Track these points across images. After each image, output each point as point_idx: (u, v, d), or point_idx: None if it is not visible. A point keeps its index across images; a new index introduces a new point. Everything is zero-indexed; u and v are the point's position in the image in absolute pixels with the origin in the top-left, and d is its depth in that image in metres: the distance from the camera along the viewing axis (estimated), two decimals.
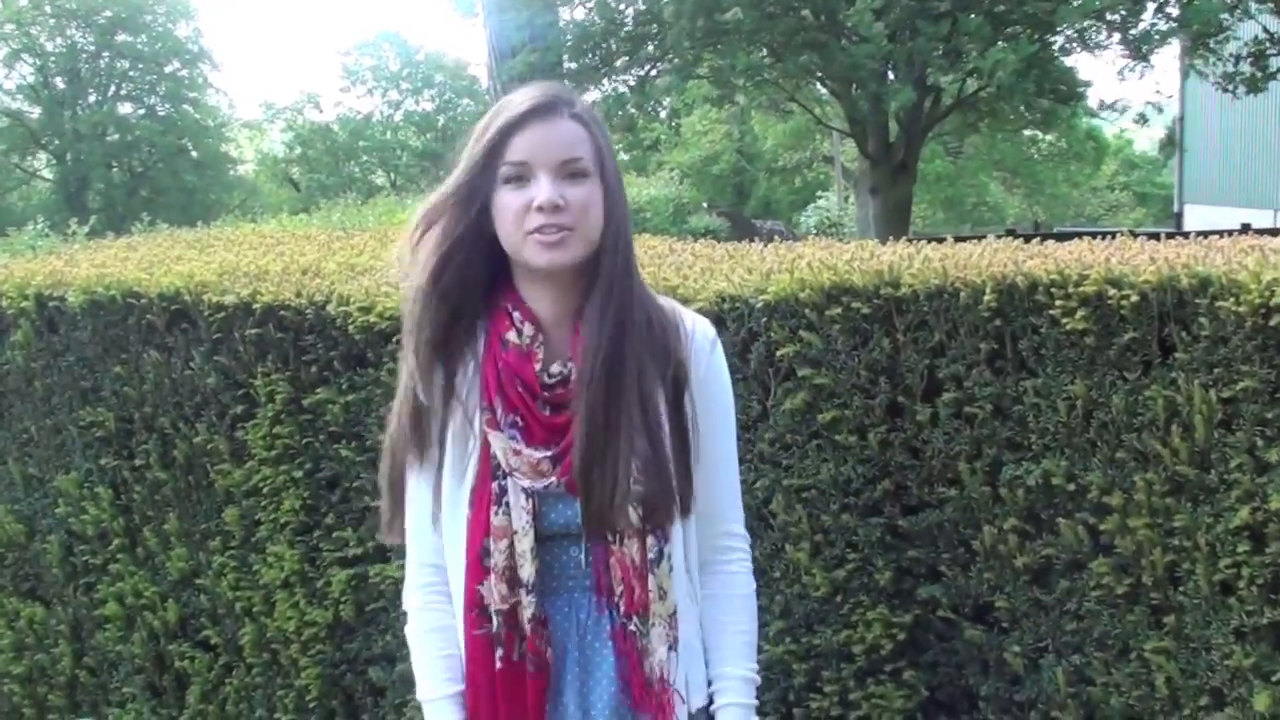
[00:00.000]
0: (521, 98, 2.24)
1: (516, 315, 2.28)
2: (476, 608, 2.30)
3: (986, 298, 2.81)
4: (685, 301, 3.14)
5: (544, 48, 14.32)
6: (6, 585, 5.05)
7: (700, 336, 2.34)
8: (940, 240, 3.52)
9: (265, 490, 4.06)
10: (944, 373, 2.91)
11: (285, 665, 4.16)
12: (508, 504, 2.27)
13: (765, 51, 16.58)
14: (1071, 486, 2.79)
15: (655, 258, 3.70)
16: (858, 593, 3.04)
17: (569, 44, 16.17)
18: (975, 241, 3.18)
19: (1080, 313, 2.74)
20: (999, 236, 3.33)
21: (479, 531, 2.29)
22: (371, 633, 3.94)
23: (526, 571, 2.27)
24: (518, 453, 2.27)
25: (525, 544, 2.27)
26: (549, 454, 2.26)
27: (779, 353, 3.06)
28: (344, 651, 4.01)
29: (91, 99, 46.28)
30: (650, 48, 16.64)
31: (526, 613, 2.27)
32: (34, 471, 4.81)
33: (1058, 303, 2.76)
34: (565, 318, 2.29)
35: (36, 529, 4.86)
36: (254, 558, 4.15)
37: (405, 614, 2.43)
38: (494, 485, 2.28)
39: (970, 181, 33.20)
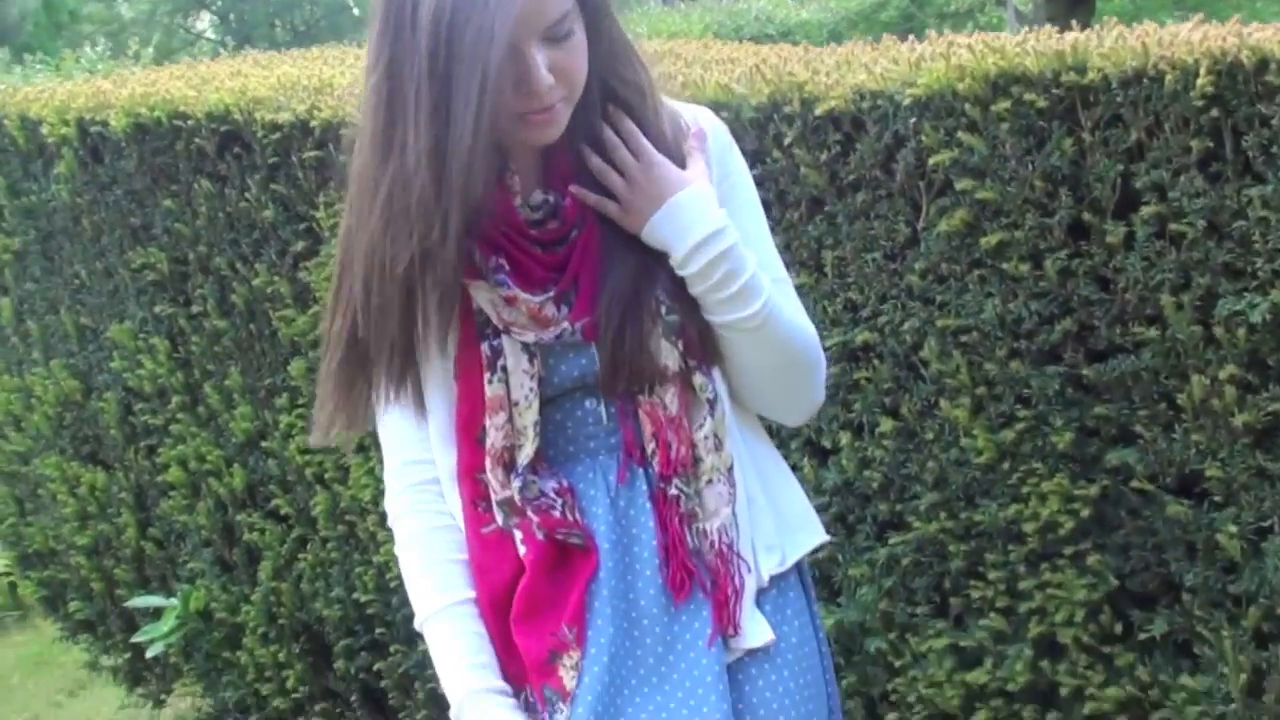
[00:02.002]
0: None
1: None
2: (480, 501, 2.01)
3: (1200, 81, 2.38)
4: (814, 100, 2.80)
5: None
6: (66, 448, 4.93)
7: (713, 132, 2.08)
8: None
9: None
10: (1143, 181, 2.49)
11: (363, 539, 3.91)
12: (504, 368, 1.96)
13: None
14: None
15: (784, 59, 3.30)
16: (1030, 459, 2.69)
17: None
18: None
19: None
20: None
21: (474, 407, 1.98)
22: None
23: (525, 452, 1.97)
24: (511, 300, 1.94)
25: (528, 418, 1.97)
26: (551, 295, 1.95)
27: (932, 161, 2.68)
28: None
29: None
30: None
31: (536, 487, 1.98)
32: (87, 321, 4.64)
33: None
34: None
35: (93, 385, 4.70)
36: None
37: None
38: (484, 348, 1.96)
39: (1151, 18, 32.44)
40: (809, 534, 2.13)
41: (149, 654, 4.50)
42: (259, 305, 3.98)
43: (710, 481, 2.00)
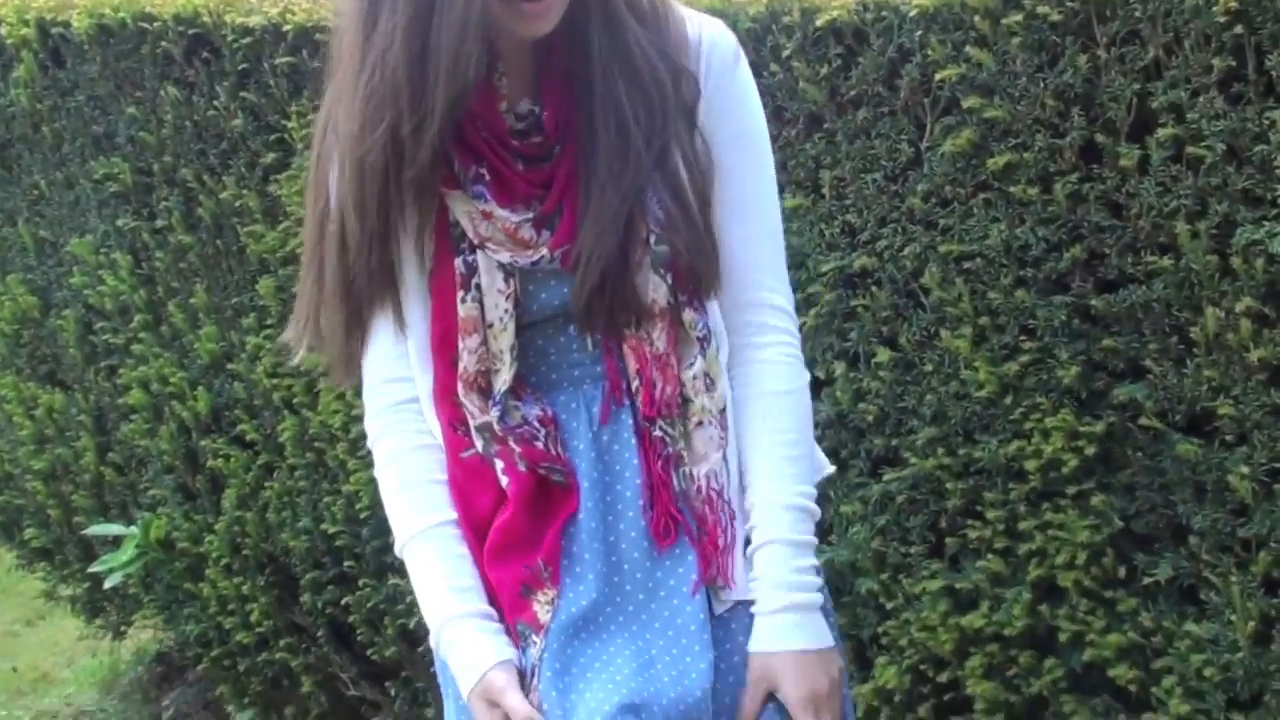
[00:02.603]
0: None
1: None
2: (458, 424, 1.97)
3: None
4: (814, 11, 2.74)
5: None
6: (23, 368, 4.91)
7: (713, 46, 2.00)
8: None
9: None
10: (1159, 101, 2.45)
11: (332, 467, 3.87)
12: (479, 287, 1.91)
13: None
14: None
15: None
16: (1034, 393, 2.66)
17: None
18: None
19: None
20: None
21: (448, 327, 1.95)
22: None
23: (502, 378, 1.93)
24: (488, 216, 1.89)
25: (504, 341, 1.92)
26: (530, 216, 1.90)
27: (938, 77, 2.63)
28: None
29: None
30: None
31: (519, 414, 1.94)
32: (46, 234, 4.61)
33: None
34: (524, 44, 1.92)
35: (51, 302, 4.67)
36: None
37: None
38: (458, 263, 1.91)
39: None
40: (813, 469, 2.09)
41: (107, 584, 4.46)
42: (226, 220, 3.92)
43: (700, 424, 1.96)
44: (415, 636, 3.76)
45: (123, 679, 5.35)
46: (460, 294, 1.91)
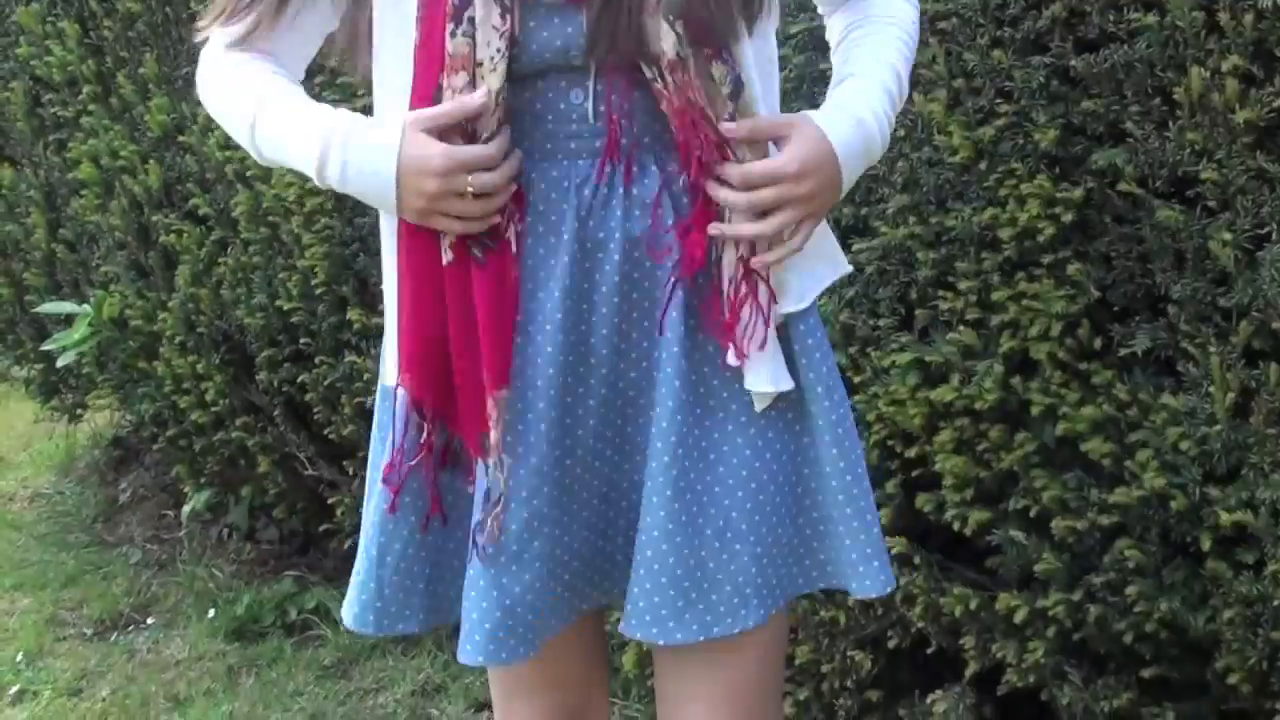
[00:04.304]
0: None
1: None
2: None
3: None
4: None
5: None
6: None
7: None
8: None
9: None
10: None
11: (287, 242, 3.78)
12: (472, 20, 1.76)
13: None
14: None
15: None
16: (1009, 158, 2.58)
17: None
18: None
19: None
20: None
21: (432, 65, 1.80)
22: None
23: (488, 123, 1.78)
24: None
25: (493, 82, 1.77)
26: None
27: None
28: (355, 227, 3.59)
29: None
30: None
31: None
32: None
33: None
34: None
35: None
36: None
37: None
38: None
39: None
40: (830, 265, 2.01)
41: (60, 363, 4.40)
42: None
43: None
44: (373, 414, 3.69)
45: (79, 462, 5.35)
46: (450, 26, 1.77)
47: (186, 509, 4.59)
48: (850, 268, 2.08)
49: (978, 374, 2.66)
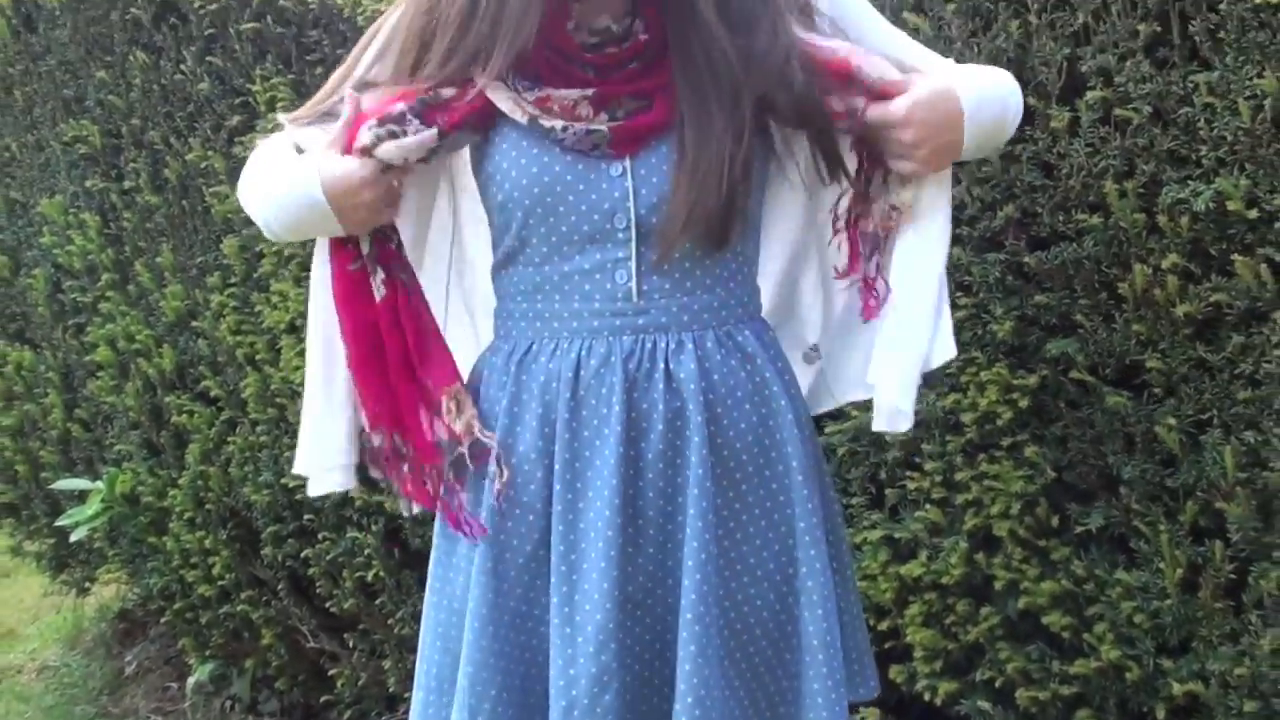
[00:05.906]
0: None
1: None
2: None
3: None
4: None
5: None
6: None
7: None
8: None
9: None
10: (1089, 65, 2.44)
11: (294, 422, 3.82)
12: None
13: None
14: (1254, 214, 2.32)
15: None
16: (969, 347, 2.64)
17: None
18: None
19: None
20: None
21: None
22: None
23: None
24: (543, 101, 1.89)
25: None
26: (588, 94, 1.89)
27: None
28: None
29: None
30: None
31: None
32: (17, 195, 4.58)
33: None
34: None
35: (21, 262, 4.64)
36: (256, 297, 3.80)
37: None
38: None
39: None
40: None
41: (72, 538, 4.43)
42: (192, 181, 3.90)
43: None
44: (373, 589, 3.76)
45: (86, 635, 5.33)
46: None
47: (191, 681, 4.59)
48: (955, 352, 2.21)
49: (944, 550, 2.72)
